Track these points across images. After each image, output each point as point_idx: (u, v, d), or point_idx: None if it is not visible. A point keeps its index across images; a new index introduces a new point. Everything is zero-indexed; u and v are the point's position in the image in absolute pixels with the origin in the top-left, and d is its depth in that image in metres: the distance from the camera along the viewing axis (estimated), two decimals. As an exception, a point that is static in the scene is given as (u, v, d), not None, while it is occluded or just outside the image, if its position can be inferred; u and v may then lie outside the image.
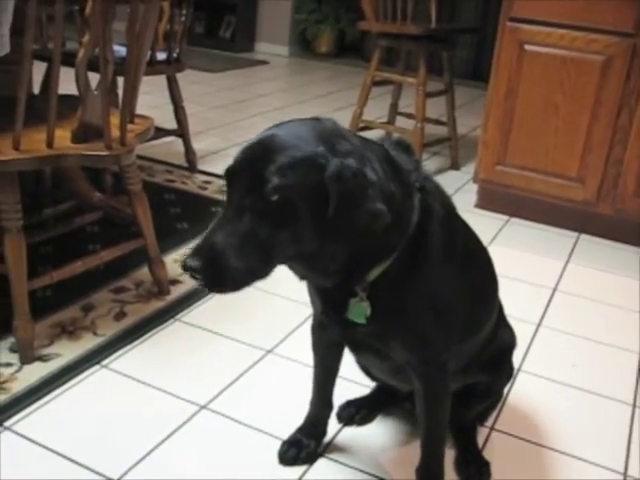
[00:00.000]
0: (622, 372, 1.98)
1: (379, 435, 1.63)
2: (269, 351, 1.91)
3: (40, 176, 2.47)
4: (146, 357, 1.83)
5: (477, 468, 1.52)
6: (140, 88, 1.92)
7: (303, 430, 1.54)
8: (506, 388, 1.66)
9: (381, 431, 1.64)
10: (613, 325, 2.23)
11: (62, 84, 1.65)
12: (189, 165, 3.25)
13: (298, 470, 1.49)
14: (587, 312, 2.31)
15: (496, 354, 1.52)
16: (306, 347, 1.48)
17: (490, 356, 1.50)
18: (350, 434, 1.62)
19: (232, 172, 1.05)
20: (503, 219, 3.03)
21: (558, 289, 2.44)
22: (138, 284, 2.17)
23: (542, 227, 2.98)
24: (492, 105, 2.92)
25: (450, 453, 1.55)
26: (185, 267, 1.03)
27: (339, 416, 1.65)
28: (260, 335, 1.96)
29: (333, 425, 1.60)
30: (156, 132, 2.27)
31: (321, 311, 1.29)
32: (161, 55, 2.99)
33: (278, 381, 1.79)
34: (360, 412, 1.66)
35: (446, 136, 3.66)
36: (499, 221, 3.01)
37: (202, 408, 1.65)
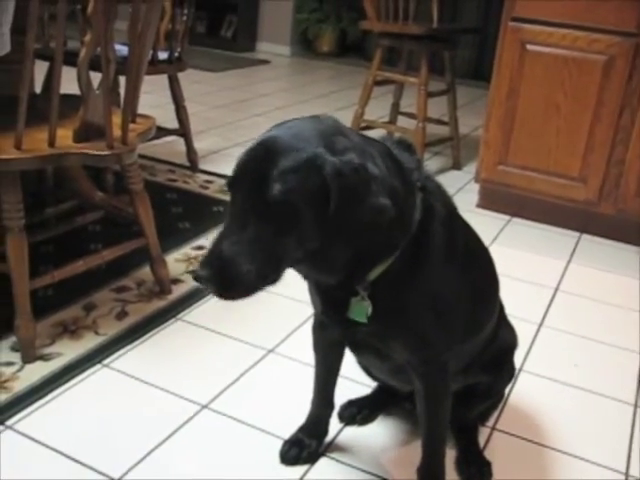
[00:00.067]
0: (624, 372, 1.98)
1: (380, 435, 1.63)
2: (270, 350, 1.91)
3: (42, 175, 2.48)
4: (147, 356, 1.83)
5: (478, 468, 1.52)
6: (142, 87, 1.92)
7: (304, 430, 1.54)
8: (507, 388, 1.66)
9: (382, 431, 1.64)
10: (615, 325, 2.23)
11: (64, 83, 1.65)
12: (190, 164, 3.25)
13: (299, 470, 1.49)
14: (589, 312, 2.31)
15: (497, 354, 1.52)
16: (307, 346, 1.48)
17: (491, 356, 1.49)
18: (351, 434, 1.62)
19: (234, 179, 1.05)
20: (505, 219, 3.03)
21: (560, 289, 2.44)
22: (140, 283, 2.18)
23: (544, 227, 2.98)
24: (494, 105, 2.92)
25: (451, 453, 1.55)
26: (196, 278, 1.04)
27: (340, 416, 1.65)
28: (261, 334, 1.96)
29: (334, 425, 1.60)
30: (158, 131, 2.27)
31: (321, 311, 1.29)
32: (163, 54, 2.99)
33: (279, 381, 1.79)
34: (361, 412, 1.66)
35: (448, 136, 3.66)
36: (501, 221, 3.00)
37: (203, 407, 1.65)
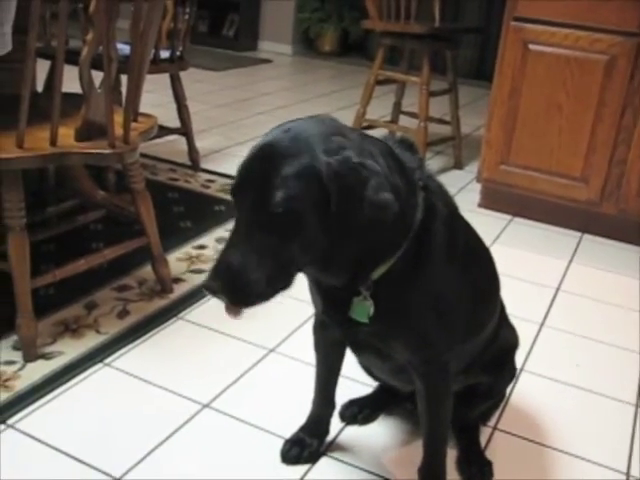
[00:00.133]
0: (625, 372, 1.97)
1: (381, 434, 1.63)
2: (272, 350, 1.91)
3: (43, 174, 2.48)
4: (149, 355, 1.83)
5: (479, 468, 1.52)
6: (143, 86, 1.92)
7: (306, 429, 1.54)
8: (509, 388, 1.66)
9: (383, 430, 1.64)
10: (616, 325, 2.23)
11: (66, 82, 1.65)
12: (192, 164, 3.25)
13: (300, 469, 1.49)
14: (590, 312, 2.30)
15: (498, 354, 1.52)
16: (308, 346, 1.48)
17: (492, 356, 1.49)
18: (352, 433, 1.62)
19: (236, 187, 1.05)
20: (506, 219, 3.03)
21: (561, 289, 2.44)
22: (141, 282, 2.18)
23: (545, 227, 2.98)
24: (496, 104, 2.92)
25: (452, 453, 1.55)
26: (207, 289, 1.04)
27: (342, 415, 1.65)
28: (263, 334, 1.96)
29: (336, 424, 1.60)
30: (159, 130, 2.27)
31: (323, 310, 1.29)
32: (164, 53, 2.99)
33: (280, 380, 1.79)
34: (363, 411, 1.66)
35: (449, 135, 3.66)
36: (502, 221, 3.00)
37: (205, 407, 1.65)
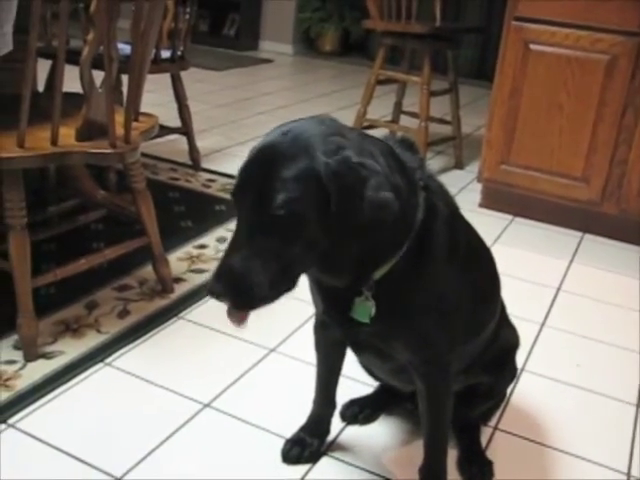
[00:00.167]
0: (626, 372, 1.97)
1: (382, 434, 1.63)
2: (272, 350, 1.91)
3: (44, 174, 2.48)
4: (149, 355, 1.83)
5: (480, 468, 1.52)
6: (144, 86, 1.92)
7: (306, 429, 1.54)
8: (509, 388, 1.65)
9: (384, 430, 1.64)
10: (617, 325, 2.23)
11: (66, 82, 1.66)
12: (193, 163, 3.25)
13: (301, 469, 1.49)
14: (591, 312, 2.30)
15: (499, 354, 1.52)
16: (309, 346, 1.48)
17: (493, 356, 1.49)
18: (353, 433, 1.62)
19: (237, 190, 1.05)
20: (507, 218, 3.03)
21: (562, 289, 2.44)
22: (142, 282, 2.18)
23: (546, 227, 2.98)
24: (496, 104, 2.92)
25: (453, 453, 1.54)
26: (210, 293, 1.04)
27: (342, 415, 1.65)
28: (263, 334, 1.95)
29: (336, 424, 1.60)
30: (160, 130, 2.27)
31: (324, 311, 1.29)
32: (165, 53, 2.99)
33: (281, 380, 1.79)
34: (363, 411, 1.66)
35: (450, 135, 3.66)
36: (503, 220, 3.00)
37: (205, 406, 1.65)
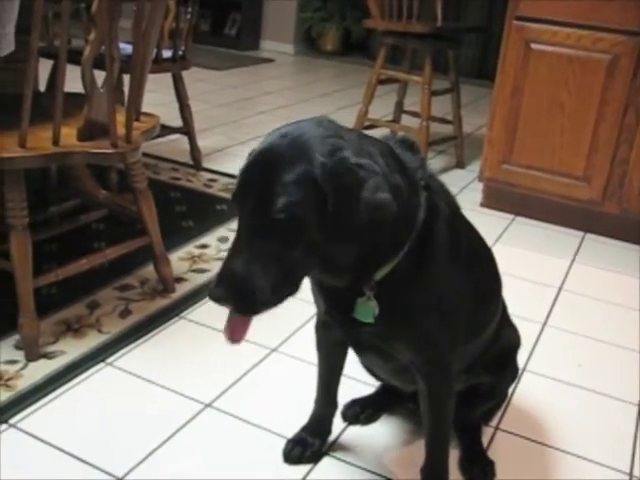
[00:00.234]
0: (628, 372, 1.97)
1: (384, 434, 1.63)
2: (274, 349, 1.91)
3: (46, 174, 2.48)
4: (151, 355, 1.83)
5: (481, 468, 1.52)
6: (146, 86, 1.92)
7: (308, 429, 1.54)
8: (511, 388, 1.65)
9: (386, 430, 1.64)
10: (618, 325, 2.23)
11: (68, 82, 1.65)
12: (194, 163, 3.25)
13: (303, 469, 1.49)
14: (593, 312, 2.30)
15: (500, 354, 1.51)
16: (311, 345, 1.48)
17: (494, 356, 1.49)
18: (355, 433, 1.62)
19: (238, 194, 1.05)
20: (508, 218, 3.02)
21: (563, 288, 2.43)
22: (143, 282, 2.18)
23: (548, 226, 2.97)
24: (498, 104, 2.91)
25: (454, 453, 1.54)
26: (212, 297, 1.04)
27: (344, 415, 1.65)
28: (265, 333, 1.95)
29: (338, 424, 1.60)
30: (161, 130, 2.27)
31: (325, 311, 1.29)
32: (167, 53, 2.99)
33: (283, 380, 1.79)
34: (365, 411, 1.66)
35: (451, 135, 3.66)
36: (504, 220, 3.00)
37: (207, 406, 1.65)
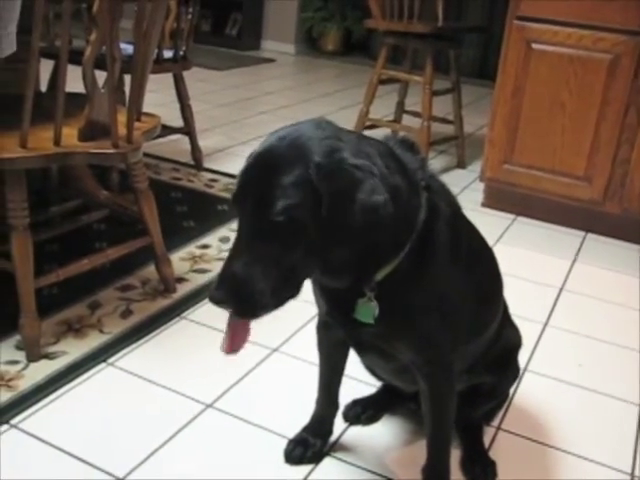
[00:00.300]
0: (629, 372, 1.97)
1: (385, 435, 1.63)
2: (275, 349, 1.91)
3: (47, 174, 2.48)
4: (152, 355, 1.83)
5: (483, 468, 1.52)
6: (147, 86, 1.92)
7: (309, 429, 1.54)
8: (512, 388, 1.65)
9: (387, 431, 1.64)
10: (620, 325, 2.22)
11: (69, 82, 1.65)
12: (195, 163, 3.25)
13: (304, 469, 1.49)
14: (594, 312, 2.30)
15: (501, 354, 1.51)
16: (312, 345, 1.48)
17: (495, 356, 1.49)
18: (356, 433, 1.62)
19: (237, 196, 1.06)
20: (510, 218, 3.02)
21: (565, 288, 2.43)
22: (144, 282, 2.18)
23: (549, 226, 2.97)
24: (499, 103, 2.91)
25: (456, 453, 1.54)
26: (212, 300, 1.04)
27: (345, 415, 1.65)
28: (266, 333, 1.95)
29: (339, 424, 1.60)
30: (162, 130, 2.28)
31: (326, 312, 1.29)
32: (168, 53, 2.99)
33: (284, 380, 1.79)
34: (366, 411, 1.66)
35: (452, 134, 3.66)
36: (506, 220, 3.00)
37: (208, 406, 1.65)
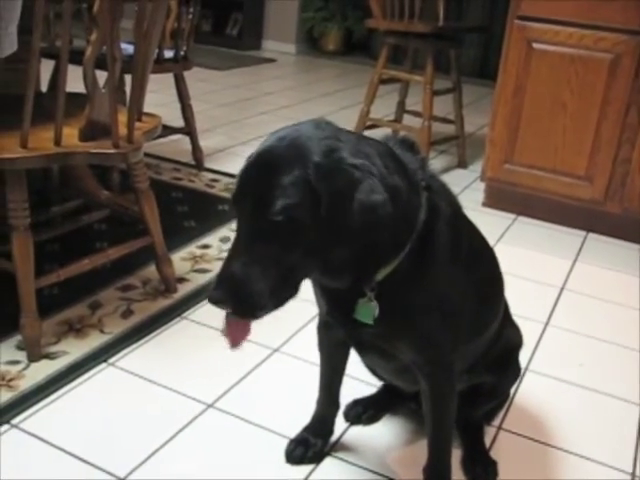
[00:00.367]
0: (630, 372, 1.97)
1: (386, 434, 1.63)
2: (276, 350, 1.91)
3: (47, 174, 2.48)
4: (153, 355, 1.83)
5: (484, 467, 1.52)
6: (147, 86, 1.92)
7: (310, 429, 1.54)
8: (513, 387, 1.65)
9: (388, 430, 1.64)
10: (621, 324, 2.22)
11: (70, 82, 1.65)
12: (196, 163, 3.25)
13: (305, 469, 1.49)
14: (595, 311, 2.30)
15: (502, 354, 1.51)
16: (313, 345, 1.48)
17: (496, 356, 1.49)
18: (357, 433, 1.62)
19: (237, 196, 1.06)
20: (510, 218, 3.02)
21: (566, 288, 2.43)
22: (145, 282, 2.18)
23: (550, 226, 2.97)
24: (500, 103, 2.91)
25: (457, 452, 1.54)
26: (211, 300, 1.05)
27: (346, 415, 1.65)
28: (267, 334, 1.95)
29: (340, 424, 1.60)
30: (163, 130, 2.27)
31: (327, 312, 1.29)
32: (168, 53, 2.99)
33: (285, 380, 1.79)
34: (367, 411, 1.66)
35: (453, 134, 3.65)
36: (507, 220, 3.00)
37: (209, 407, 1.65)
